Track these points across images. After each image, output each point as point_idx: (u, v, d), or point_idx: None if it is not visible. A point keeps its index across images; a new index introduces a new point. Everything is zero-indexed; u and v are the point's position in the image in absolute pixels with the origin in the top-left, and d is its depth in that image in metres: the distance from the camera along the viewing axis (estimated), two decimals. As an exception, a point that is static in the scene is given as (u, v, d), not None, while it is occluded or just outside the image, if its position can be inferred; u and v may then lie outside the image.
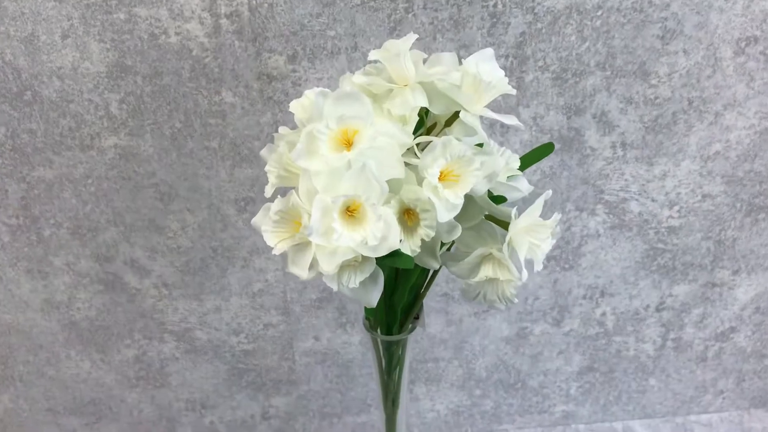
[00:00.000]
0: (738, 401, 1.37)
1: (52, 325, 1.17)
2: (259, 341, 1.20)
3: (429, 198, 0.58)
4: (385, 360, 0.77)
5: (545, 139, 1.04)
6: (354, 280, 0.59)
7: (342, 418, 1.31)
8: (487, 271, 0.63)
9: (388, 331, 0.75)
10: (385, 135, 0.59)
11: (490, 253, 0.63)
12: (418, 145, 0.62)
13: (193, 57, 0.94)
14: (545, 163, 1.06)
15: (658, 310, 1.23)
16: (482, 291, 0.64)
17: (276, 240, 0.59)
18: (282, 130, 0.64)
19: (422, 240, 0.60)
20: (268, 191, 0.62)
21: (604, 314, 1.23)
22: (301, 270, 0.58)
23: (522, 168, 0.68)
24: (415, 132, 0.63)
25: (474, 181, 0.59)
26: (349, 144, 0.58)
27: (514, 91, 0.63)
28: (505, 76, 0.64)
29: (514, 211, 0.62)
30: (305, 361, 1.23)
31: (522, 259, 0.61)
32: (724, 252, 1.17)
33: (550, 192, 0.62)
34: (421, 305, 0.74)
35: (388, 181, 0.58)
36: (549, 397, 1.33)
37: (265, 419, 1.30)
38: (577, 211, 1.11)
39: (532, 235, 0.62)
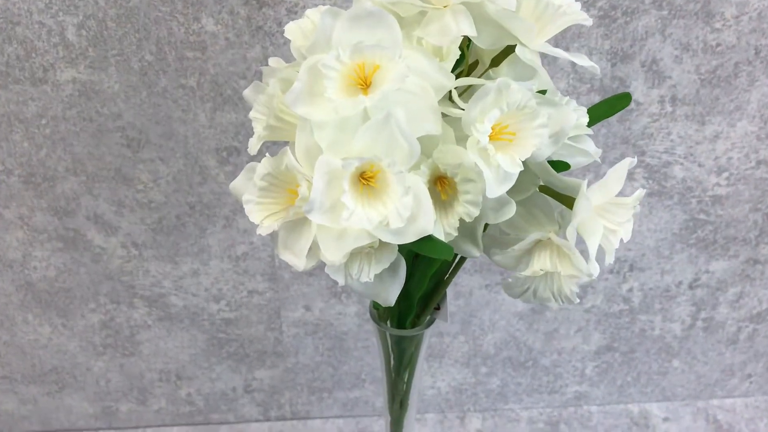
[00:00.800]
0: (765, 386, 1.23)
1: (5, 286, 1.00)
2: (243, 309, 1.04)
3: (475, 164, 0.41)
4: (394, 357, 0.61)
5: (584, 89, 0.86)
6: (368, 273, 0.43)
7: (333, 393, 1.16)
8: (542, 262, 0.46)
9: (400, 324, 0.58)
10: (417, 74, 0.42)
11: (548, 238, 0.46)
12: (457, 89, 0.45)
13: (167, -27, 0.75)
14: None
15: (691, 287, 1.08)
16: (532, 286, 0.48)
17: (262, 215, 0.41)
18: (273, 62, 0.46)
19: (460, 220, 0.43)
20: (254, 146, 0.45)
21: (631, 290, 1.07)
22: (296, 257, 0.41)
23: (590, 123, 0.51)
24: (452, 71, 0.46)
25: (537, 142, 0.41)
26: (366, 84, 0.41)
27: (589, 21, 0.45)
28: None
29: (584, 183, 0.45)
30: (294, 333, 1.07)
31: (594, 249, 0.44)
32: (772, 226, 1.01)
33: (634, 160, 0.45)
34: (444, 294, 0.58)
35: (419, 139, 0.41)
36: (561, 377, 1.18)
37: (248, 392, 1.15)
38: (612, 174, 0.94)
39: (607, 216, 0.45)
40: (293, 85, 0.39)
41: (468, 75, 0.50)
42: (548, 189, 0.48)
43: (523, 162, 0.43)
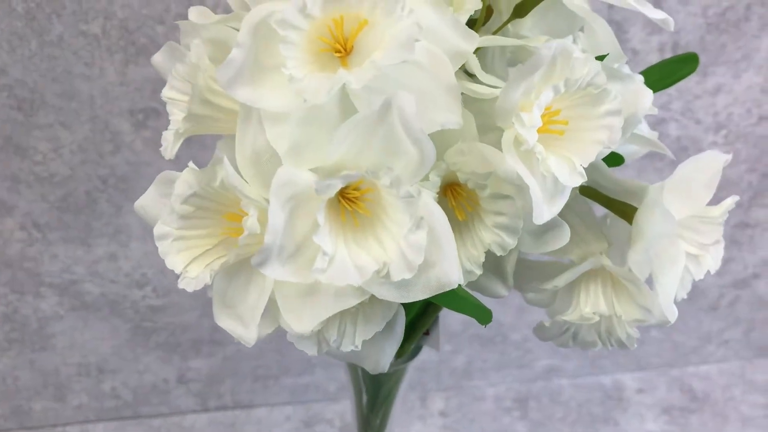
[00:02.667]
0: (742, 351, 1.16)
1: None
2: (172, 296, 0.88)
3: (517, 174, 0.26)
4: (367, 392, 0.47)
5: (574, 36, 0.72)
6: (353, 339, 0.28)
7: (279, 380, 1.03)
8: (594, 303, 0.32)
9: (377, 353, 0.44)
10: (424, 36, 0.27)
11: (601, 266, 0.32)
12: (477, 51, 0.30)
13: None
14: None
15: (675, 254, 0.97)
16: (573, 328, 0.34)
17: (185, 258, 0.26)
18: (196, 13, 0.30)
19: (488, 252, 0.29)
20: (170, 147, 0.29)
21: (611, 259, 0.96)
22: (241, 324, 0.26)
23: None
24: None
25: (605, 137, 0.27)
26: (345, 50, 0.26)
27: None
28: None
29: (657, 188, 0.31)
30: (233, 318, 0.92)
31: (672, 286, 0.31)
32: (767, 187, 0.91)
33: (729, 156, 0.31)
34: (436, 318, 0.44)
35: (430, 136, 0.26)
36: (532, 351, 1.08)
37: (183, 383, 1.01)
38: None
39: (687, 235, 0.31)
40: (230, 54, 0.24)
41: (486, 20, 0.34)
42: (590, 190, 0.34)
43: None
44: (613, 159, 0.33)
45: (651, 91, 0.29)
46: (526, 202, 0.27)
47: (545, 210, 0.27)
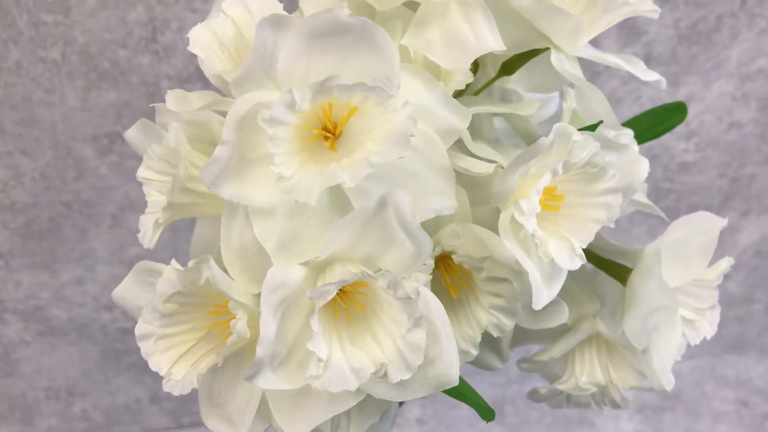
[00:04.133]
0: (710, 347, 1.17)
1: None
2: (142, 317, 0.86)
3: (516, 259, 0.25)
4: None
5: (547, 51, 0.71)
6: (347, 431, 0.27)
7: (254, 394, 1.01)
8: (590, 371, 0.31)
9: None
10: (417, 112, 0.25)
11: (597, 333, 0.32)
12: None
13: None
14: (543, 84, 0.74)
15: (647, 258, 0.97)
16: (568, 393, 0.33)
17: (170, 358, 0.25)
18: (174, 99, 0.28)
19: (484, 333, 0.28)
20: (150, 235, 0.27)
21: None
22: (232, 426, 0.25)
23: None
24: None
25: (604, 215, 0.26)
26: (334, 134, 0.24)
27: (656, 12, 0.30)
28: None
29: (651, 250, 0.30)
30: (206, 336, 0.90)
31: (670, 353, 0.30)
32: (737, 191, 0.91)
33: (725, 222, 0.31)
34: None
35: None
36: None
37: (155, 402, 0.98)
38: (573, 145, 0.80)
39: (682, 301, 0.31)
40: (215, 152, 0.22)
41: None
42: (586, 251, 0.33)
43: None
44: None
45: (647, 161, 0.28)
46: (523, 284, 0.26)
47: (544, 294, 0.26)
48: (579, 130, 0.29)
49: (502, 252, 0.25)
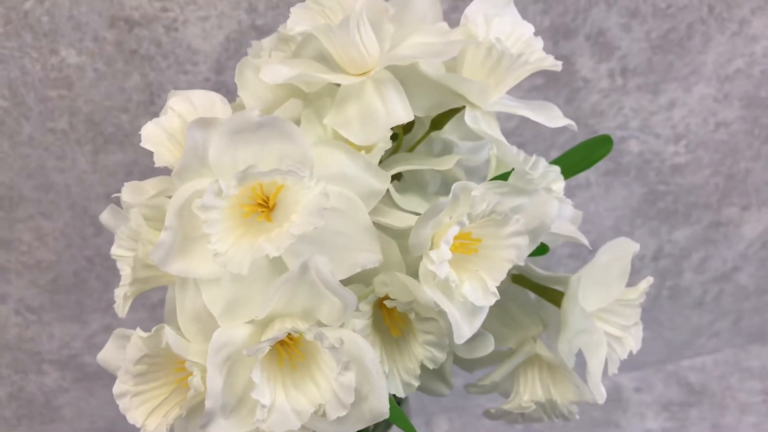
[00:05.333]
0: (734, 339, 1.18)
1: None
2: (170, 357, 0.91)
3: (435, 302, 0.29)
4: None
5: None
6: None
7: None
8: (532, 390, 0.35)
9: None
10: (337, 181, 0.29)
11: (535, 355, 0.35)
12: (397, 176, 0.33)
13: (6, 2, 0.60)
14: (525, 105, 0.77)
15: (654, 259, 1.00)
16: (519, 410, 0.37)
17: (144, 412, 0.29)
18: (128, 191, 0.32)
19: (423, 365, 0.32)
20: (121, 306, 0.32)
21: (591, 271, 0.98)
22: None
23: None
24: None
25: (513, 255, 0.30)
26: (268, 207, 0.28)
27: (559, 67, 0.33)
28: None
29: (575, 282, 0.33)
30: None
31: (598, 369, 0.33)
32: (734, 187, 0.93)
33: (637, 247, 0.34)
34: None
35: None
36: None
37: None
38: (563, 159, 0.83)
39: (608, 318, 0.34)
40: (160, 237, 0.26)
41: (407, 133, 0.37)
42: (522, 278, 0.37)
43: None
44: (541, 248, 0.36)
45: (556, 201, 0.31)
46: (449, 322, 0.29)
47: (465, 329, 0.29)
48: (492, 178, 0.33)
49: (423, 296, 0.29)
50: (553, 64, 0.32)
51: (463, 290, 0.29)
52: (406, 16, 0.36)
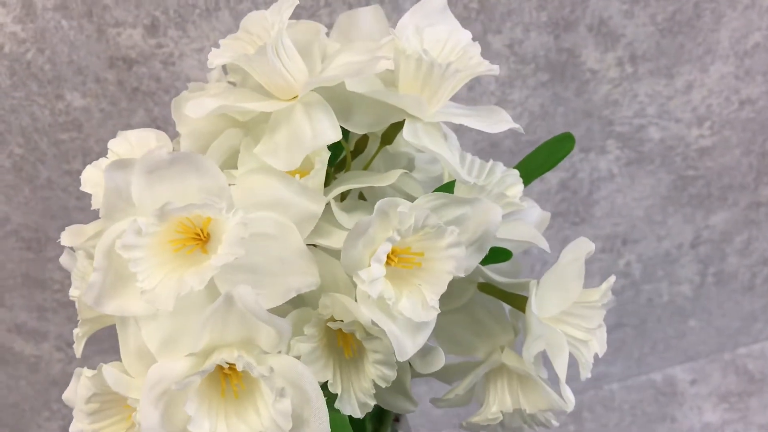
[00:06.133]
0: (791, 322, 1.13)
1: (-56, 415, 0.89)
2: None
3: (372, 320, 0.29)
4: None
5: (529, 71, 0.73)
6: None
7: None
8: (500, 400, 0.34)
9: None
10: (270, 207, 0.30)
11: (502, 365, 0.34)
12: (342, 195, 0.33)
13: (9, 55, 0.62)
14: (533, 102, 0.76)
15: (693, 246, 0.96)
16: (499, 420, 0.36)
17: (101, 448, 0.30)
18: (67, 236, 0.33)
19: (376, 384, 0.31)
20: (78, 347, 0.33)
21: (628, 264, 0.96)
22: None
23: (526, 180, 0.38)
24: (330, 161, 0.34)
25: (452, 266, 0.29)
26: (204, 238, 0.29)
27: (495, 70, 0.33)
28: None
29: (534, 284, 0.33)
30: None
31: (562, 372, 0.33)
32: (770, 165, 0.89)
33: (591, 246, 0.33)
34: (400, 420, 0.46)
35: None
36: (573, 365, 1.07)
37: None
38: (582, 152, 0.82)
39: (572, 321, 0.33)
40: (91, 278, 0.27)
41: (356, 155, 0.37)
42: (489, 286, 0.36)
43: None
44: (499, 254, 0.35)
45: (499, 208, 0.31)
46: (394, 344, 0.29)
47: (408, 346, 0.29)
48: (436, 189, 0.33)
49: (361, 316, 0.29)
50: (489, 69, 0.32)
51: (400, 307, 0.28)
52: (353, 32, 0.36)
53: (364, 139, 0.37)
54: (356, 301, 0.29)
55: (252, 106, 0.30)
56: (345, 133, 0.36)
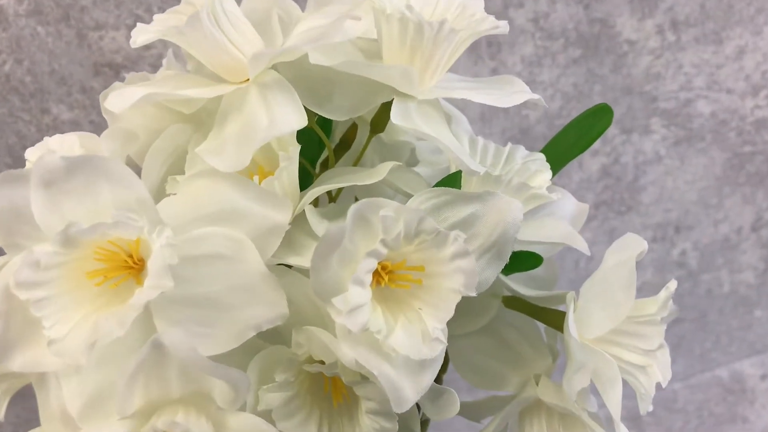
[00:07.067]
0: None
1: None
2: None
3: (356, 361, 0.22)
4: None
5: (558, 47, 0.66)
6: None
7: None
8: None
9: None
10: (220, 219, 0.23)
11: (538, 401, 0.27)
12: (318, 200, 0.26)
13: (-17, 69, 0.57)
14: (565, 82, 0.68)
15: (754, 229, 0.87)
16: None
17: None
18: None
19: (374, 436, 0.24)
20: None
21: (683, 253, 0.87)
22: None
23: (554, 167, 0.31)
24: (312, 158, 0.27)
25: (459, 283, 0.22)
26: (138, 264, 0.22)
27: (504, 28, 0.26)
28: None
29: (571, 297, 0.25)
30: None
31: (616, 408, 0.25)
32: (839, 134, 0.80)
33: (644, 245, 0.25)
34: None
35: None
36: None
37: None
38: (624, 134, 0.74)
39: (624, 342, 0.26)
40: (-9, 329, 0.21)
41: (345, 150, 0.30)
42: (517, 301, 0.29)
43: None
44: (531, 260, 0.28)
45: (518, 203, 0.23)
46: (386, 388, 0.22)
47: (407, 392, 0.22)
48: (437, 184, 0.26)
49: (342, 355, 0.22)
50: (494, 26, 0.25)
51: (392, 342, 0.21)
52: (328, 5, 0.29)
53: (352, 130, 0.30)
54: (336, 336, 0.22)
55: (190, 92, 0.23)
56: (328, 125, 0.29)
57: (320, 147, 0.29)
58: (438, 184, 0.26)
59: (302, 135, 0.29)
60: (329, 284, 0.22)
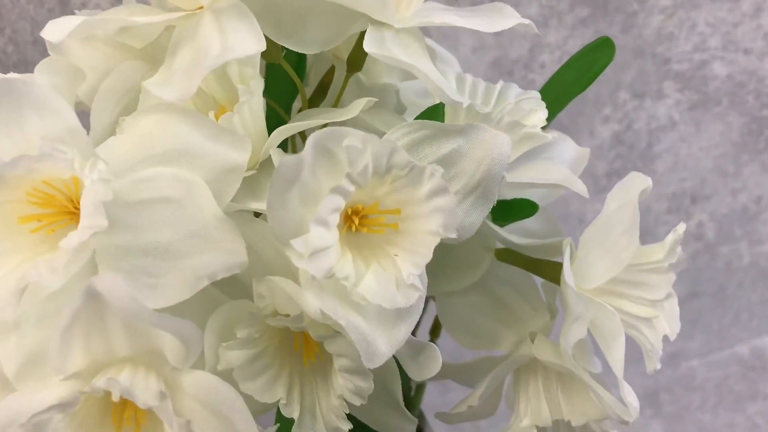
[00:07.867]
0: None
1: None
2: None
3: (321, 311, 0.19)
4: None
5: (564, 7, 0.63)
6: None
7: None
8: (536, 409, 0.24)
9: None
10: (176, 161, 0.20)
11: (533, 360, 0.24)
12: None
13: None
14: (573, 44, 0.65)
15: (775, 198, 0.84)
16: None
17: None
18: None
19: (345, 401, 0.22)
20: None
21: (700, 224, 0.85)
22: None
23: (553, 108, 0.28)
24: (286, 103, 0.24)
25: (436, 225, 0.20)
26: (76, 209, 0.20)
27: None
28: None
29: (568, 243, 0.23)
30: None
31: (618, 366, 0.23)
32: None
33: (648, 182, 0.23)
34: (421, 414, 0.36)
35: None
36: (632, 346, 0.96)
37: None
38: (635, 99, 0.71)
39: (628, 292, 0.23)
40: None
41: (323, 95, 0.28)
42: (513, 254, 0.26)
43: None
44: (526, 208, 0.25)
45: (505, 136, 0.21)
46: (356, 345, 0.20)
47: (381, 345, 0.19)
48: (417, 117, 0.23)
49: (306, 305, 0.19)
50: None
51: (361, 289, 0.19)
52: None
53: (329, 74, 0.28)
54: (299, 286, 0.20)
55: (136, 19, 0.21)
56: (302, 67, 0.26)
57: (295, 91, 0.27)
58: (417, 118, 0.24)
59: (274, 79, 0.27)
60: (289, 225, 0.19)
